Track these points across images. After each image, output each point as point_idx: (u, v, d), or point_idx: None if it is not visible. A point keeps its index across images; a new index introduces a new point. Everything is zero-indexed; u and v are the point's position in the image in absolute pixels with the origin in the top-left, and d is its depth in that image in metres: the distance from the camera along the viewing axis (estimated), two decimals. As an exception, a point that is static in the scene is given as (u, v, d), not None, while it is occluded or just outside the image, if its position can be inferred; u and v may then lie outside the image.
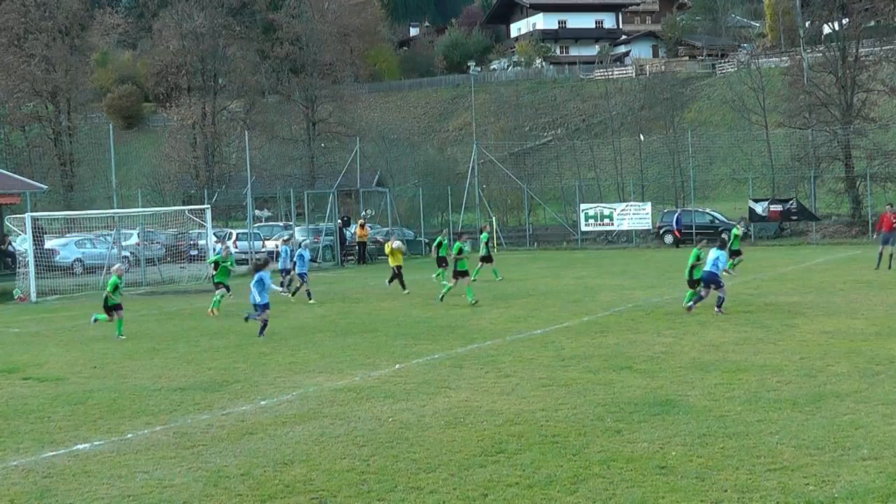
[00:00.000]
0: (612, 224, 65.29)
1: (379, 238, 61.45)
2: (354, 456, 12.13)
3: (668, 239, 63.01)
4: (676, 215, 61.98)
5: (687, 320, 24.11)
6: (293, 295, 33.54)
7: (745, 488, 10.27)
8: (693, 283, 26.24)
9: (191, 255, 49.68)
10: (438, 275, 37.96)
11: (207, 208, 47.92)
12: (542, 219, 76.77)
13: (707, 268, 25.69)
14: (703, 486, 10.39)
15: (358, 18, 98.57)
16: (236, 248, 57.16)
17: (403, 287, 34.79)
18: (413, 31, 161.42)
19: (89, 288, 42.91)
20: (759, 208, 61.66)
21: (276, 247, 39.65)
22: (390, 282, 36.33)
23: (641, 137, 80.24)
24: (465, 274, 30.18)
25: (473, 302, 29.46)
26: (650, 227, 64.55)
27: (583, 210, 66.71)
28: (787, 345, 19.71)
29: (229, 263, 30.76)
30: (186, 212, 50.67)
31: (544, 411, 14.18)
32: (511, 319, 26.00)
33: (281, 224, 66.06)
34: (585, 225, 65.90)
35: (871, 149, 63.62)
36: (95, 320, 25.70)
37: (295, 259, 34.29)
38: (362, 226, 55.38)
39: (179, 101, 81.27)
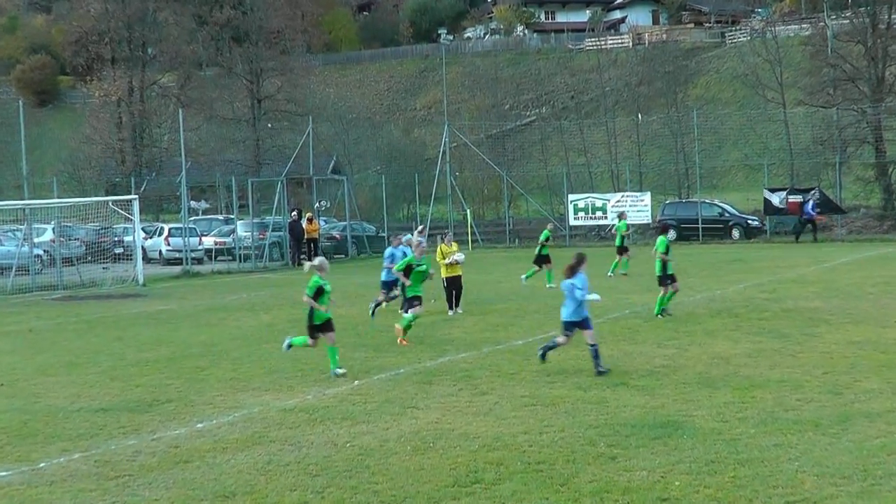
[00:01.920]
0: (606, 217, 65.43)
1: (335, 234, 61.42)
2: (306, 487, 12.09)
3: (672, 234, 63.20)
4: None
5: (692, 329, 24.17)
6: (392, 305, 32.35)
7: (760, 523, 10.29)
8: None
9: (115, 254, 49.43)
10: (529, 276, 37.04)
11: (135, 199, 47.72)
12: (524, 211, 76.85)
13: None
14: (711, 520, 10.40)
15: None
16: (168, 245, 57.02)
17: (453, 305, 30.02)
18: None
19: (-4, 292, 42.67)
20: (776, 199, 61.91)
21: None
22: (456, 304, 30.14)
23: (639, 117, 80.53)
24: (673, 279, 26.85)
25: (663, 314, 26.85)
26: (650, 221, 64.70)
27: (571, 201, 66.86)
28: (808, 357, 19.78)
29: (424, 268, 24.94)
30: (110, 203, 50.40)
31: (527, 435, 14.18)
32: (488, 328, 25.99)
33: (221, 217, 65.88)
34: (574, 218, 66.09)
35: (905, 130, 63.98)
36: (290, 346, 20.29)
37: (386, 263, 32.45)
38: (311, 220, 55.15)
39: (102, 75, 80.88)
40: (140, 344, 25.20)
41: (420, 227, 39.80)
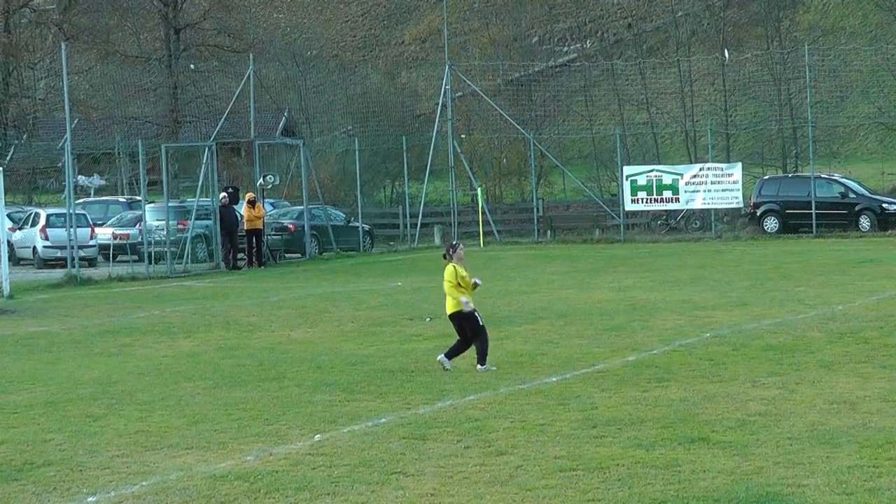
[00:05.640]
0: (677, 200, 65.41)
1: (288, 223, 61.26)
2: (245, 588, 12.11)
3: (771, 224, 63.13)
4: None
5: (802, 360, 24.11)
6: None
7: None
8: None
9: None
10: None
11: (-2, 172, 47.78)
12: (559, 190, 76.84)
13: None
14: None
15: None
16: (46, 239, 56.99)
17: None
18: None
19: None
20: (924, 173, 61.98)
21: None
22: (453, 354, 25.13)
23: (726, 55, 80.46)
24: None
25: None
26: (741, 205, 64.69)
27: (628, 177, 66.78)
28: (968, 401, 19.82)
29: None
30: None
31: (564, 513, 14.20)
32: (507, 359, 25.95)
33: (123, 199, 65.77)
34: (632, 201, 66.02)
35: None
36: None
37: None
38: (252, 203, 54.90)
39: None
40: (5, 382, 25.20)
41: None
